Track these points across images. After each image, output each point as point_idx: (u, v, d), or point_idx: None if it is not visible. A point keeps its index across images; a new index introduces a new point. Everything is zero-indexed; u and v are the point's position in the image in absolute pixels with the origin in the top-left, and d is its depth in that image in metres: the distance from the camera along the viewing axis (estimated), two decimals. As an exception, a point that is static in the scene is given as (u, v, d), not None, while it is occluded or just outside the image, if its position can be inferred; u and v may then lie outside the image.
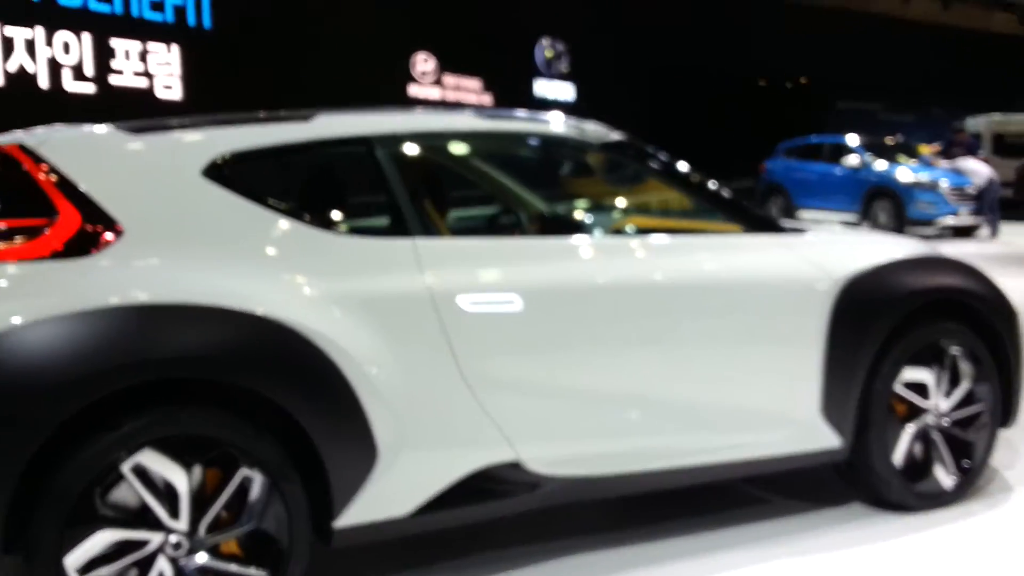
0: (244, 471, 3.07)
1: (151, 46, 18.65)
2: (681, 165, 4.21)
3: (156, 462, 2.94)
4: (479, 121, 4.00)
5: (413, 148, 3.88)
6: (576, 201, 6.15)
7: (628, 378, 3.70)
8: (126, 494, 2.95)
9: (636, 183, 5.22)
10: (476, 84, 26.47)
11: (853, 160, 18.39)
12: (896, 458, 4.20)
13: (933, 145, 21.03)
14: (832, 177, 18.76)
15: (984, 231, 17.90)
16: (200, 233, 3.21)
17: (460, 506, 3.43)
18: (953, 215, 17.29)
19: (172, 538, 2.98)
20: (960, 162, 18.30)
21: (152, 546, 2.96)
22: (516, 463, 3.49)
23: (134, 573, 2.96)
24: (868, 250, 4.33)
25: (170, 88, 18.97)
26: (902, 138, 20.48)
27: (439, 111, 4.24)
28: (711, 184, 4.21)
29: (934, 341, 4.29)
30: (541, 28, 28.10)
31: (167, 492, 2.98)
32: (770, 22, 31.51)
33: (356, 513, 3.23)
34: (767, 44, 31.65)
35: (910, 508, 4.27)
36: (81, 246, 3.01)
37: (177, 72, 19.05)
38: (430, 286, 3.36)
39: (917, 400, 4.27)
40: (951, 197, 17.24)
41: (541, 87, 28.46)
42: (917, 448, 4.30)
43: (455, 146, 4.45)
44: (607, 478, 3.71)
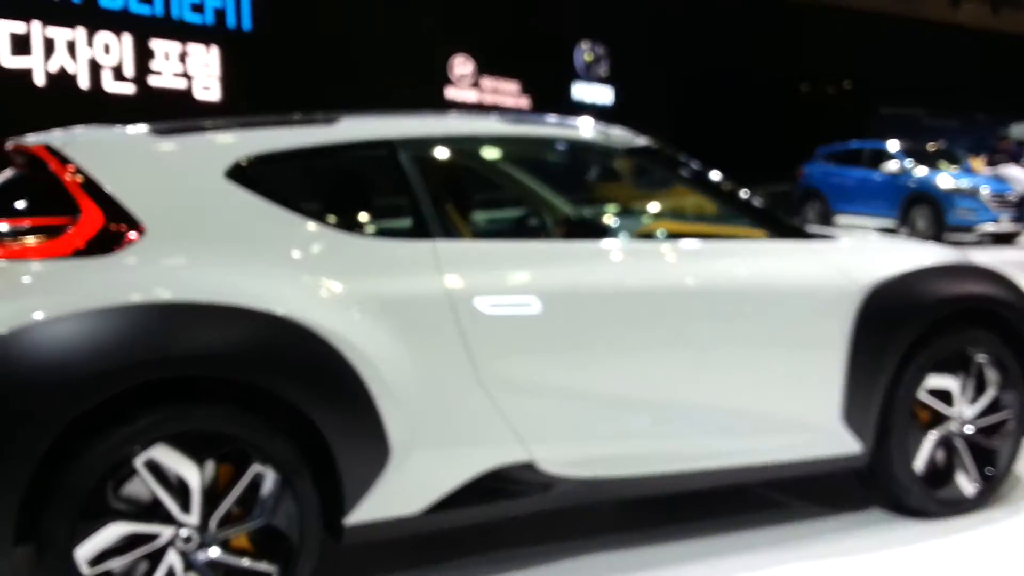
0: (256, 467, 3.10)
1: (190, 47, 18.83)
2: (707, 170, 4.21)
3: (169, 457, 2.98)
4: (504, 125, 4.02)
5: (436, 152, 3.91)
6: (602, 205, 6.15)
7: (646, 382, 3.70)
8: (138, 488, 2.99)
9: (663, 188, 5.23)
10: (514, 87, 26.49)
11: (892, 166, 18.22)
12: (917, 464, 4.18)
13: (982, 156, 20.83)
14: (871, 182, 18.58)
15: None
16: (222, 234, 3.25)
17: (472, 505, 3.45)
18: (994, 222, 17.09)
19: (183, 532, 3.02)
20: (1002, 169, 18.11)
21: (163, 540, 3.00)
22: (529, 464, 3.50)
23: (144, 566, 3.00)
24: (895, 257, 4.30)
25: (209, 89, 19.13)
26: (944, 144, 20.27)
27: (464, 115, 4.26)
28: (737, 189, 4.20)
29: (960, 349, 4.26)
30: (580, 31, 28.08)
31: (179, 487, 3.02)
32: (813, 26, 31.31)
33: (367, 510, 3.26)
34: (810, 48, 31.46)
35: (930, 515, 4.24)
36: (103, 245, 3.05)
37: (216, 73, 19.20)
38: (448, 288, 3.38)
39: (941, 407, 4.23)
40: (992, 204, 17.05)
41: (579, 91, 28.43)
42: (939, 455, 4.27)
43: (478, 150, 4.46)
44: (622, 480, 3.71)
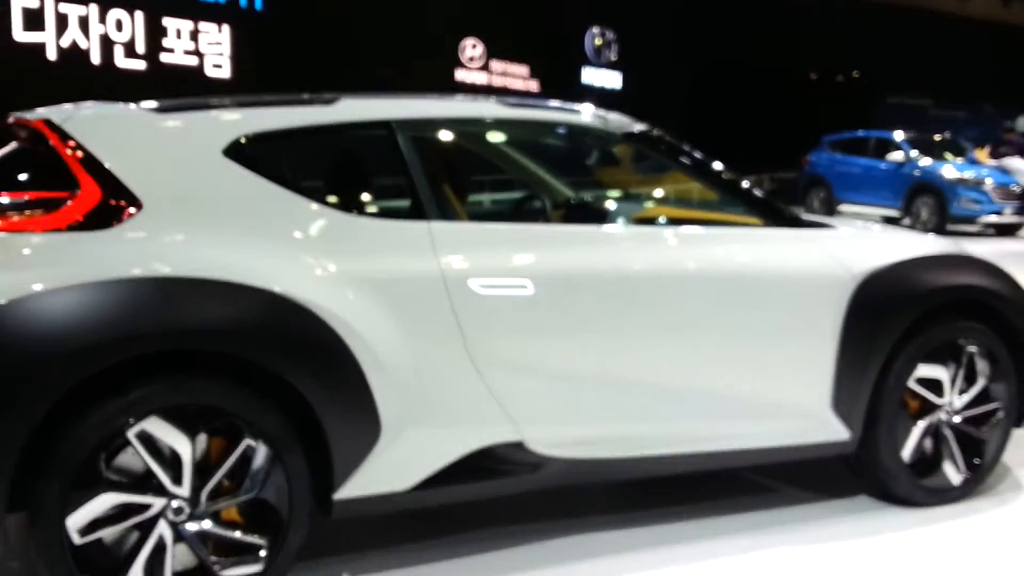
0: (248, 441, 3.14)
1: (202, 25, 18.89)
2: (705, 157, 4.23)
3: (162, 430, 3.02)
4: (502, 108, 4.05)
5: (433, 133, 3.94)
6: (600, 190, 6.17)
7: (637, 365, 3.73)
8: (131, 459, 3.03)
9: (661, 174, 5.24)
10: (523, 70, 26.50)
11: (897, 155, 18.22)
12: (905, 453, 4.21)
13: (986, 148, 20.80)
14: (876, 172, 18.57)
15: None
16: (219, 211, 3.28)
17: (461, 483, 3.49)
18: (997, 213, 17.09)
19: (174, 503, 3.05)
20: (1007, 161, 18.09)
21: (154, 510, 3.04)
22: (519, 443, 3.54)
23: (135, 536, 3.05)
24: (889, 246, 4.32)
25: (220, 67, 19.21)
26: (949, 135, 20.25)
27: (462, 98, 4.28)
28: (734, 176, 4.23)
29: (952, 339, 4.28)
30: (591, 16, 28.04)
31: (171, 459, 3.06)
32: (823, 15, 31.22)
33: (357, 486, 3.29)
34: (819, 37, 31.37)
35: (917, 503, 4.27)
36: (101, 219, 3.08)
37: (227, 52, 19.26)
38: (443, 269, 3.41)
39: (931, 397, 4.26)
40: (996, 195, 17.04)
41: (589, 75, 28.40)
42: (928, 444, 4.29)
43: (476, 133, 4.48)
44: (611, 461, 3.75)
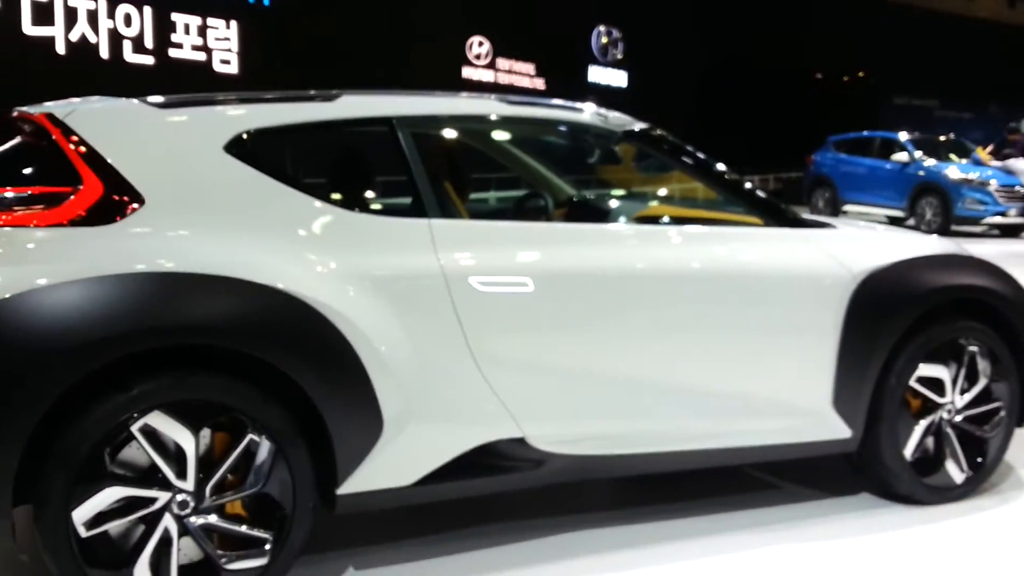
0: (251, 436, 3.15)
1: (211, 21, 18.96)
2: (706, 156, 4.24)
3: (165, 424, 3.03)
4: (503, 106, 4.06)
5: (434, 131, 3.96)
6: (601, 188, 6.19)
7: (638, 362, 3.74)
8: (135, 454, 3.05)
9: (662, 172, 5.26)
10: (530, 68, 26.55)
11: (902, 156, 18.22)
12: (907, 451, 4.21)
13: (988, 148, 20.80)
14: (880, 172, 18.57)
15: None
16: (220, 206, 3.29)
17: (464, 479, 3.50)
18: (1001, 214, 17.10)
19: (179, 497, 3.07)
20: (1011, 163, 18.08)
21: (159, 504, 3.05)
22: (521, 439, 3.55)
23: (140, 529, 3.06)
24: (890, 246, 4.33)
25: (228, 63, 19.29)
26: (954, 136, 20.24)
27: (464, 95, 4.30)
28: (734, 176, 4.24)
29: (953, 339, 4.29)
30: (597, 15, 28.08)
31: (175, 453, 3.07)
32: (829, 15, 31.23)
33: (359, 481, 3.31)
34: (825, 37, 31.38)
35: (919, 501, 4.28)
36: (103, 214, 3.10)
37: (235, 47, 19.33)
38: (444, 266, 3.42)
39: (932, 396, 4.27)
40: (1000, 196, 17.05)
41: (595, 73, 28.45)
42: (930, 443, 4.30)
43: (477, 130, 4.50)
44: (614, 458, 3.76)
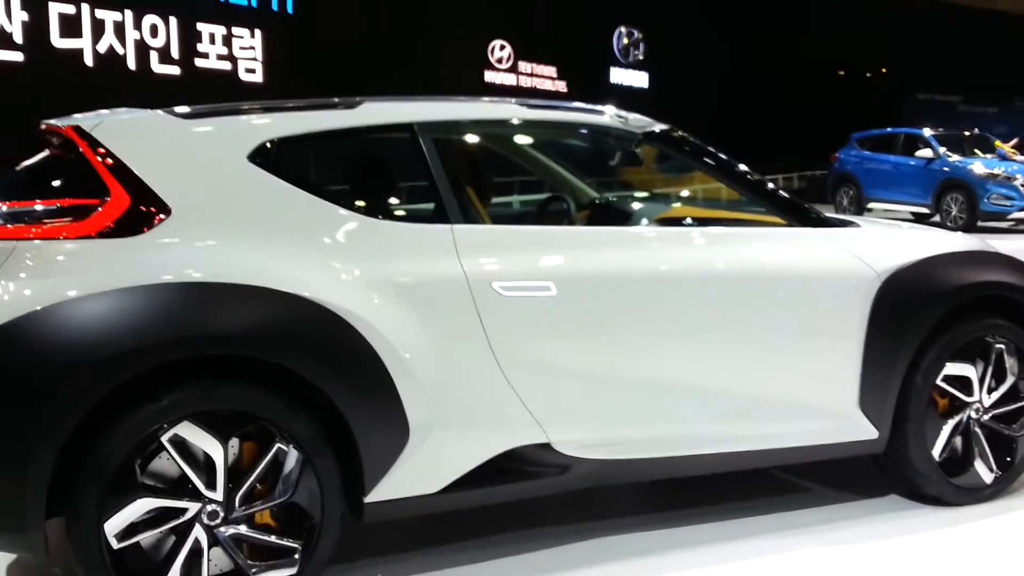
0: (279, 446, 3.17)
1: (235, 30, 19.09)
2: (725, 156, 4.23)
3: (194, 434, 3.06)
4: (523, 110, 4.05)
5: (455, 136, 3.97)
6: (622, 190, 6.19)
7: (663, 365, 3.74)
8: (165, 464, 3.07)
9: (684, 173, 5.25)
10: (551, 71, 26.60)
11: (926, 152, 18.12)
12: (935, 452, 4.19)
13: (1013, 142, 20.67)
14: (905, 169, 18.47)
15: None
16: (244, 216, 3.31)
17: (490, 485, 3.51)
18: (1028, 209, 16.99)
19: (209, 507, 3.10)
20: None
21: (189, 514, 3.08)
22: (547, 444, 3.55)
23: (171, 540, 3.09)
24: (914, 244, 4.31)
25: (252, 72, 19.43)
26: (978, 131, 20.11)
27: (485, 100, 4.30)
28: (756, 176, 4.23)
29: (979, 336, 4.26)
30: (618, 16, 28.09)
31: (204, 463, 3.10)
32: (851, 12, 31.10)
33: (387, 489, 3.32)
34: (847, 34, 31.25)
35: (948, 502, 4.25)
36: (131, 225, 3.12)
37: (259, 56, 19.46)
38: (467, 271, 3.43)
39: (959, 394, 4.25)
40: (1026, 191, 16.93)
41: (617, 75, 28.46)
42: (957, 442, 4.28)
43: (498, 134, 4.51)
44: (640, 462, 3.75)
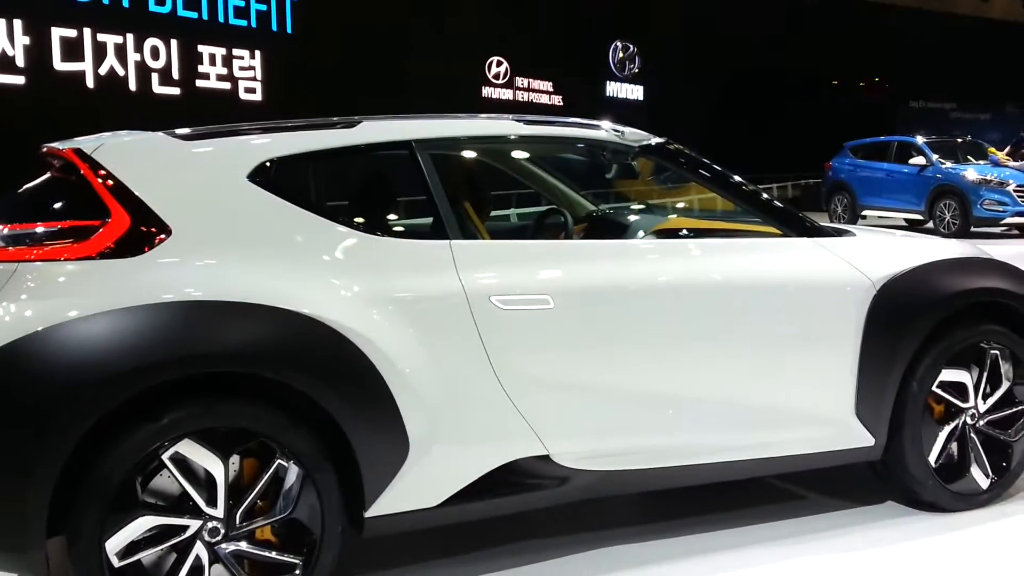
0: (279, 462, 3.19)
1: (235, 51, 19.17)
2: (720, 168, 4.26)
3: (195, 452, 3.07)
4: (520, 126, 4.09)
5: (453, 153, 4.00)
6: (619, 203, 6.22)
7: (661, 376, 3.76)
8: (166, 482, 3.09)
9: (679, 186, 5.28)
10: (547, 86, 26.74)
11: (919, 159, 18.19)
12: (931, 458, 4.21)
13: (1005, 150, 20.75)
14: (898, 176, 18.54)
15: None
16: (246, 235, 3.34)
17: (490, 498, 3.52)
18: (1021, 215, 17.03)
19: (209, 524, 3.11)
20: None
21: (190, 532, 3.09)
22: (546, 456, 3.57)
23: (172, 557, 3.11)
24: (908, 252, 4.33)
25: (252, 92, 19.49)
26: (971, 138, 20.20)
27: (482, 117, 4.33)
28: (751, 186, 4.26)
29: (974, 342, 4.28)
30: (612, 31, 28.22)
31: (205, 480, 3.11)
32: (843, 20, 31.22)
33: (387, 503, 3.34)
34: (839, 43, 31.36)
35: (945, 508, 4.27)
36: (131, 246, 3.15)
37: (259, 76, 19.54)
38: (465, 286, 3.46)
39: (955, 400, 4.27)
40: (1019, 196, 16.96)
41: (613, 88, 28.60)
42: (954, 448, 4.30)
43: (496, 150, 4.53)
44: (639, 472, 3.76)
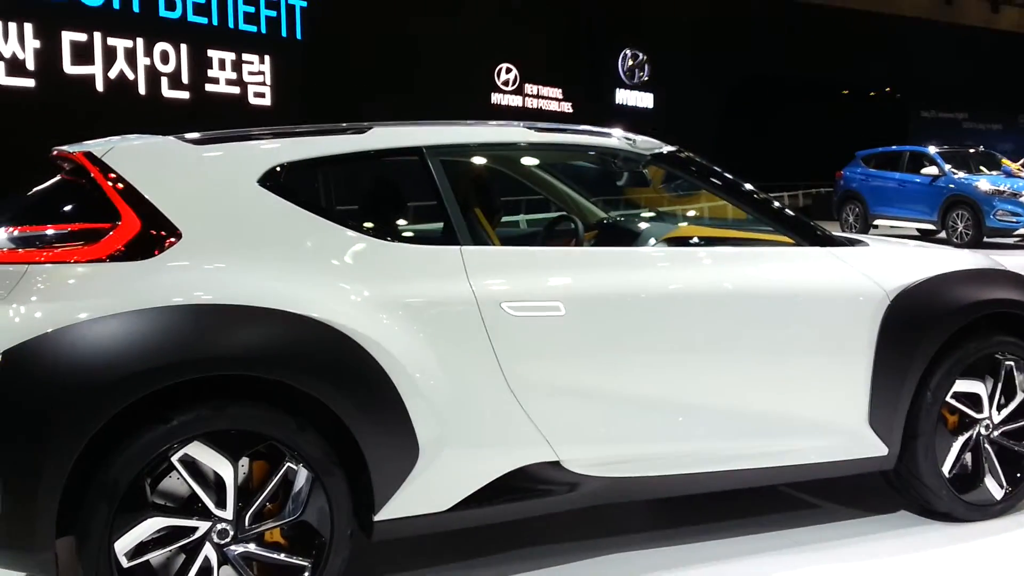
0: (288, 464, 3.18)
1: (245, 56, 19.27)
2: (732, 177, 4.23)
3: (204, 454, 3.07)
4: (531, 134, 4.08)
5: (464, 159, 3.99)
6: (631, 211, 6.20)
7: (672, 384, 3.74)
8: (175, 483, 3.08)
9: (691, 194, 5.26)
10: (557, 93, 26.78)
11: (932, 169, 18.14)
12: (945, 468, 4.19)
13: (1020, 162, 20.69)
14: (910, 186, 18.49)
15: None
16: (256, 239, 3.33)
17: (499, 503, 3.51)
18: (1035, 226, 16.97)
19: (219, 526, 3.10)
20: None
21: (199, 533, 3.09)
22: (556, 463, 3.56)
23: (180, 559, 3.10)
24: (922, 262, 4.31)
25: (262, 96, 19.57)
26: (983, 148, 20.14)
27: (493, 124, 4.32)
28: (762, 195, 4.24)
29: (989, 353, 4.26)
30: (622, 39, 28.25)
31: (215, 482, 3.11)
32: (854, 30, 31.21)
33: (396, 507, 3.33)
34: (851, 52, 31.36)
35: (959, 518, 4.25)
36: (142, 249, 3.14)
37: (268, 81, 19.62)
38: (476, 292, 3.45)
39: (969, 411, 4.25)
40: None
41: (622, 96, 28.62)
42: (967, 459, 4.28)
43: (506, 157, 4.53)
44: (650, 479, 3.75)
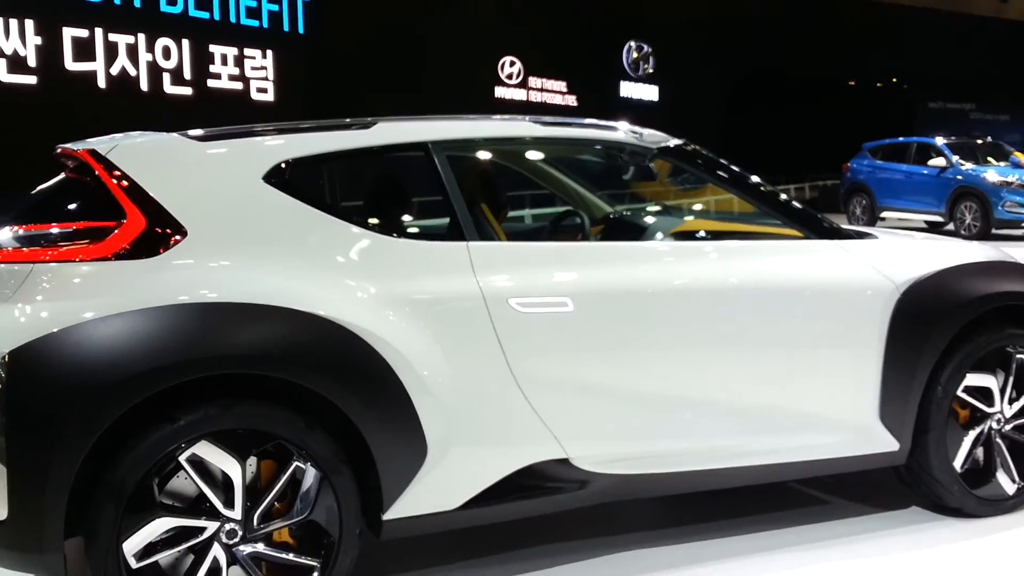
0: (296, 464, 3.17)
1: (247, 51, 19.25)
2: (739, 170, 4.21)
3: (212, 453, 3.05)
4: (537, 128, 4.05)
5: (469, 154, 3.96)
6: (638, 205, 6.19)
7: (681, 380, 3.72)
8: (183, 483, 3.07)
9: (698, 187, 5.24)
10: (561, 86, 26.74)
11: (939, 161, 18.10)
12: (956, 463, 4.16)
13: None
14: (917, 178, 18.46)
15: None
16: (261, 236, 3.32)
17: (509, 501, 3.49)
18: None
19: (227, 526, 3.09)
20: None
21: (207, 534, 3.08)
22: (565, 460, 3.54)
23: (189, 559, 3.09)
24: (932, 255, 4.28)
25: (264, 91, 19.57)
26: (991, 139, 20.08)
27: (497, 118, 4.30)
28: (769, 188, 4.21)
29: (1000, 347, 4.23)
30: (627, 31, 28.21)
31: (222, 482, 3.10)
32: (862, 21, 31.13)
33: (405, 506, 3.31)
34: (859, 43, 31.28)
35: (970, 513, 4.22)
36: (147, 247, 3.13)
37: (271, 76, 19.61)
38: (483, 288, 3.42)
39: (980, 405, 4.22)
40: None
41: (627, 89, 28.56)
42: (979, 453, 4.25)
43: (512, 152, 4.50)
44: (660, 476, 3.73)
